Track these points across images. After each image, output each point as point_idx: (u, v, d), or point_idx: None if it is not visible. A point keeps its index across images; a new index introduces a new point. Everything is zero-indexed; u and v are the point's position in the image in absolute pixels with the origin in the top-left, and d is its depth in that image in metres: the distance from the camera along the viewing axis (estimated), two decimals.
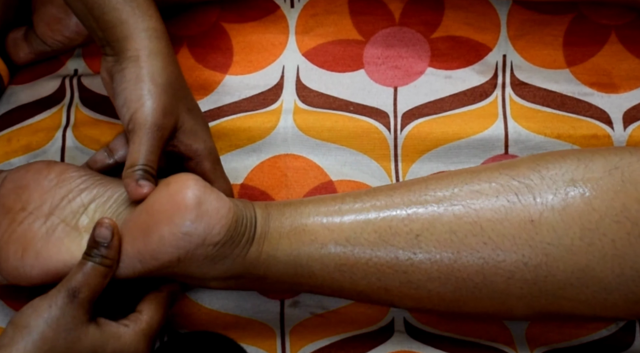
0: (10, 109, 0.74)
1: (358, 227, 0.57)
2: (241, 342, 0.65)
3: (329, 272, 0.57)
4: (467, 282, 0.56)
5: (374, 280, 0.57)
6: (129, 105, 0.59)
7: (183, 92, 0.62)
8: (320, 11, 0.73)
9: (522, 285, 0.55)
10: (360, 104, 0.70)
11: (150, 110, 0.58)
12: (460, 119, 0.68)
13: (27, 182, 0.61)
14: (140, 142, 0.58)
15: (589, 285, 0.54)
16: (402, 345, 0.63)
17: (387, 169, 0.68)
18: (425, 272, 0.56)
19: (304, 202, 0.60)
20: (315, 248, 0.57)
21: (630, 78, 0.69)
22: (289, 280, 0.59)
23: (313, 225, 0.58)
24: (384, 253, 0.56)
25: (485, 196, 0.56)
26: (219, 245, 0.56)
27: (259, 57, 0.73)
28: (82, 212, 0.60)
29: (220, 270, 0.58)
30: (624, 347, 0.64)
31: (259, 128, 0.69)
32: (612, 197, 0.54)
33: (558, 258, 0.54)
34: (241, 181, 0.69)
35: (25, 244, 0.59)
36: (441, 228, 0.56)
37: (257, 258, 0.58)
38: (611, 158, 0.56)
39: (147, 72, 0.59)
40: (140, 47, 0.59)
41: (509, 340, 0.64)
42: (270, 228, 0.58)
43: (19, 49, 0.74)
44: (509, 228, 0.55)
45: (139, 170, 0.58)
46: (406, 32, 0.72)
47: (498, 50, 0.71)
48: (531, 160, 0.58)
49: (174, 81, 0.60)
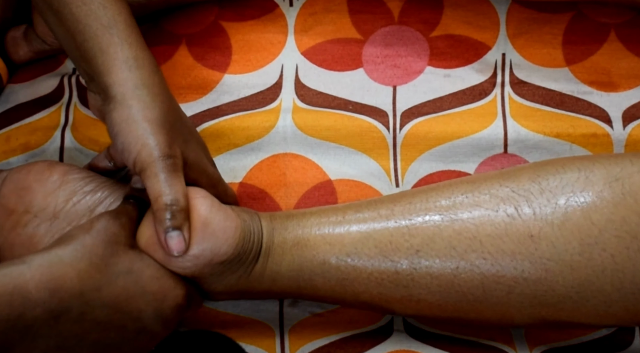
0: (9, 108, 0.74)
1: (359, 242, 0.57)
2: (240, 341, 0.65)
3: (331, 286, 0.58)
4: (467, 296, 0.56)
5: (376, 293, 0.58)
6: (129, 150, 0.55)
7: (179, 121, 0.59)
8: (319, 10, 0.73)
9: (522, 299, 0.55)
10: (359, 102, 0.70)
11: (153, 146, 0.54)
12: (459, 117, 0.68)
13: (29, 184, 0.61)
14: (155, 177, 0.54)
15: (589, 299, 0.54)
16: (402, 344, 0.63)
17: (386, 168, 0.68)
18: (426, 286, 0.56)
19: (306, 215, 0.60)
20: (318, 263, 0.58)
21: (630, 76, 0.69)
22: (293, 292, 0.59)
23: (315, 240, 0.58)
24: (385, 268, 0.57)
25: (485, 210, 0.56)
26: (226, 263, 0.56)
27: (258, 56, 0.73)
28: (88, 216, 0.59)
29: (227, 286, 0.58)
30: (624, 346, 0.64)
31: (258, 127, 0.69)
32: (612, 210, 0.53)
33: (557, 273, 0.54)
34: (240, 180, 0.68)
35: (31, 248, 0.58)
36: (441, 243, 0.56)
37: (262, 274, 0.58)
38: (612, 168, 0.55)
39: (136, 110, 0.55)
40: (122, 81, 0.56)
41: (508, 339, 0.64)
42: (274, 244, 0.58)
43: (18, 48, 0.74)
44: (509, 243, 0.55)
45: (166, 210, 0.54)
46: (405, 30, 0.72)
47: (497, 49, 0.71)
48: (532, 170, 0.58)
49: (167, 112, 0.57)
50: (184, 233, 0.54)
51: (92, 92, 0.60)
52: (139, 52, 0.57)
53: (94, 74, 0.58)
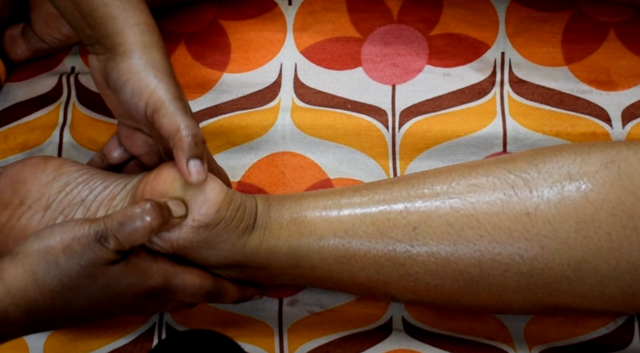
0: (7, 107, 0.74)
1: (356, 219, 0.57)
2: (239, 340, 0.65)
3: (328, 264, 0.58)
4: (464, 275, 0.56)
5: (373, 272, 0.57)
6: (140, 94, 0.56)
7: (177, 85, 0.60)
8: (318, 8, 0.73)
9: (519, 278, 0.55)
10: (358, 101, 0.70)
11: (165, 89, 0.56)
12: (458, 116, 0.68)
13: (24, 177, 0.61)
14: (173, 113, 0.56)
15: (585, 278, 0.54)
16: (401, 344, 0.63)
17: (385, 167, 0.68)
18: (423, 264, 0.56)
19: (304, 195, 0.60)
20: (314, 239, 0.58)
21: (629, 75, 0.69)
22: (290, 272, 0.59)
23: (312, 217, 0.58)
24: (382, 246, 0.57)
25: (482, 189, 0.56)
26: (211, 228, 0.56)
27: (257, 55, 0.73)
28: (80, 204, 0.60)
29: (220, 256, 0.58)
30: (623, 345, 0.64)
31: (257, 126, 0.69)
32: (608, 190, 0.54)
33: (554, 251, 0.54)
34: (239, 179, 0.68)
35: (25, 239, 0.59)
36: (438, 220, 0.56)
37: (258, 248, 0.58)
38: (608, 151, 0.56)
39: (146, 62, 0.57)
40: (133, 41, 0.58)
41: (507, 338, 0.64)
42: (271, 218, 0.59)
43: (16, 46, 0.74)
44: (505, 221, 0.55)
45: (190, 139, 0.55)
46: (404, 29, 0.72)
47: (496, 48, 0.71)
48: (529, 155, 0.58)
49: (173, 74, 0.59)
50: (204, 164, 0.55)
51: (94, 54, 0.60)
52: (149, 19, 0.59)
53: (101, 37, 0.58)
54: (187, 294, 0.58)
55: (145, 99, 0.56)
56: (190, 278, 0.57)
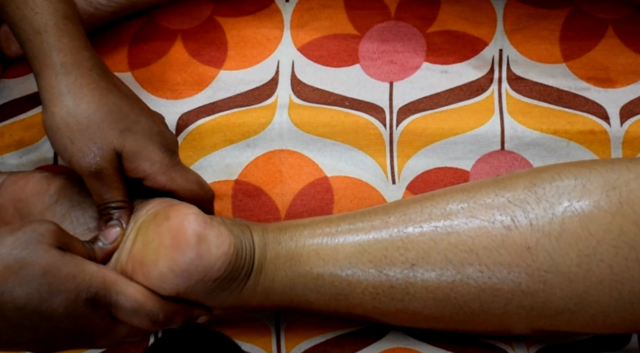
0: (3, 104, 0.73)
1: (353, 257, 0.57)
2: (236, 339, 0.65)
3: (324, 301, 0.58)
4: (464, 308, 0.56)
5: (370, 307, 0.57)
6: (62, 156, 0.58)
7: (111, 116, 0.58)
8: (315, 5, 0.73)
9: (520, 311, 0.55)
10: (355, 99, 0.70)
11: (77, 158, 0.57)
12: (456, 114, 0.68)
13: (26, 196, 0.61)
14: (90, 187, 0.58)
15: (587, 309, 0.54)
16: (398, 342, 0.63)
17: (382, 164, 0.68)
18: (422, 299, 0.56)
19: (299, 227, 0.59)
20: (311, 278, 0.57)
21: (627, 72, 0.69)
22: (286, 306, 0.59)
23: (308, 254, 0.58)
24: (380, 283, 0.56)
25: (481, 221, 0.55)
26: (219, 280, 0.56)
27: (254, 52, 0.72)
28: (85, 228, 0.60)
29: (218, 301, 0.57)
30: (621, 345, 0.64)
31: (254, 123, 0.69)
32: (610, 220, 0.53)
33: (555, 285, 0.54)
34: (235, 177, 0.68)
35: None
36: (437, 257, 0.55)
37: (254, 290, 0.58)
38: (609, 176, 0.55)
39: (59, 117, 0.57)
40: (49, 88, 0.57)
41: (505, 337, 0.64)
42: (267, 259, 0.58)
43: (10, 43, 0.74)
44: (505, 255, 0.54)
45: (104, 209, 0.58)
46: (402, 26, 0.72)
47: (494, 45, 0.71)
48: (528, 178, 0.57)
49: (96, 110, 0.57)
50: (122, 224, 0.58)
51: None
52: (68, 57, 0.58)
53: (34, 72, 0.59)
54: (127, 310, 0.54)
55: (67, 164, 0.58)
56: (132, 292, 0.54)
